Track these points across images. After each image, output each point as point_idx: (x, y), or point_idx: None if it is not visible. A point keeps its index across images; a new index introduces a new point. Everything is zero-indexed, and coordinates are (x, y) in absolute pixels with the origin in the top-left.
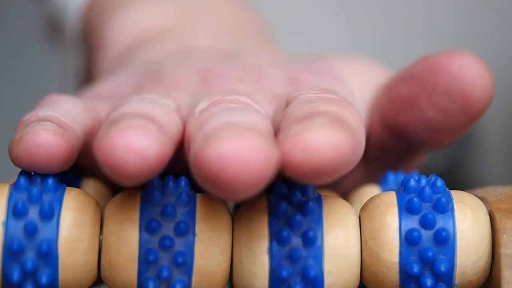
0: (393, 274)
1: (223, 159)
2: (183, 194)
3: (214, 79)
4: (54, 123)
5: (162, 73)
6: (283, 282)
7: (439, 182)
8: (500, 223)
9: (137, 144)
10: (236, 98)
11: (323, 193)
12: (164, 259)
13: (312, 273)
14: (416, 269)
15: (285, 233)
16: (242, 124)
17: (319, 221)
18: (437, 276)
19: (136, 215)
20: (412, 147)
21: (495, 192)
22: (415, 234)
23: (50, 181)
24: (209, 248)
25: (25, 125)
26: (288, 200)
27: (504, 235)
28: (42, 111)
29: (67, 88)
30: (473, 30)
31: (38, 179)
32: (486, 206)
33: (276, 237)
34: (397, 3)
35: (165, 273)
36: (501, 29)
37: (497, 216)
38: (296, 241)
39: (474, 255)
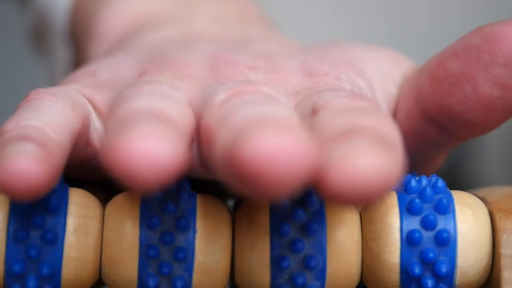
0: (394, 275)
1: (265, 156)
2: (184, 192)
3: (224, 67)
4: (35, 143)
5: (167, 58)
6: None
7: (440, 183)
8: (500, 223)
9: (155, 153)
10: (259, 89)
11: None
12: (165, 255)
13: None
14: (417, 270)
15: (285, 263)
16: (276, 118)
17: (322, 248)
18: (438, 277)
19: (136, 212)
20: (449, 135)
21: (495, 192)
22: (416, 235)
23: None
24: (210, 245)
25: (4, 139)
26: (290, 219)
27: (504, 235)
28: (24, 119)
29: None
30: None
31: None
32: (486, 206)
33: (277, 264)
34: (397, 4)
35: (165, 269)
36: None
37: (497, 216)
38: (298, 266)
39: (475, 256)
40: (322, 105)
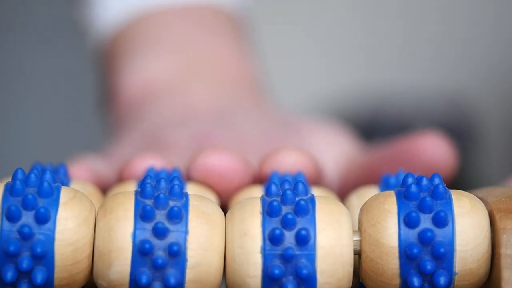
0: (393, 260)
1: (207, 165)
2: (177, 190)
3: (204, 142)
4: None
5: (164, 142)
6: (276, 281)
7: (436, 177)
8: (500, 223)
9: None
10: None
11: (317, 192)
12: (158, 254)
13: (305, 272)
14: (415, 250)
15: (277, 232)
16: (222, 148)
17: (312, 220)
18: (437, 259)
19: (131, 210)
20: None
21: (495, 192)
22: (413, 215)
23: (45, 184)
24: (203, 243)
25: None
26: (281, 200)
27: (504, 235)
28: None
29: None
30: (471, 30)
31: (33, 177)
32: (486, 206)
33: (269, 237)
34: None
35: (159, 267)
36: (501, 33)
37: (497, 216)
38: (289, 240)
39: (473, 241)
40: None
